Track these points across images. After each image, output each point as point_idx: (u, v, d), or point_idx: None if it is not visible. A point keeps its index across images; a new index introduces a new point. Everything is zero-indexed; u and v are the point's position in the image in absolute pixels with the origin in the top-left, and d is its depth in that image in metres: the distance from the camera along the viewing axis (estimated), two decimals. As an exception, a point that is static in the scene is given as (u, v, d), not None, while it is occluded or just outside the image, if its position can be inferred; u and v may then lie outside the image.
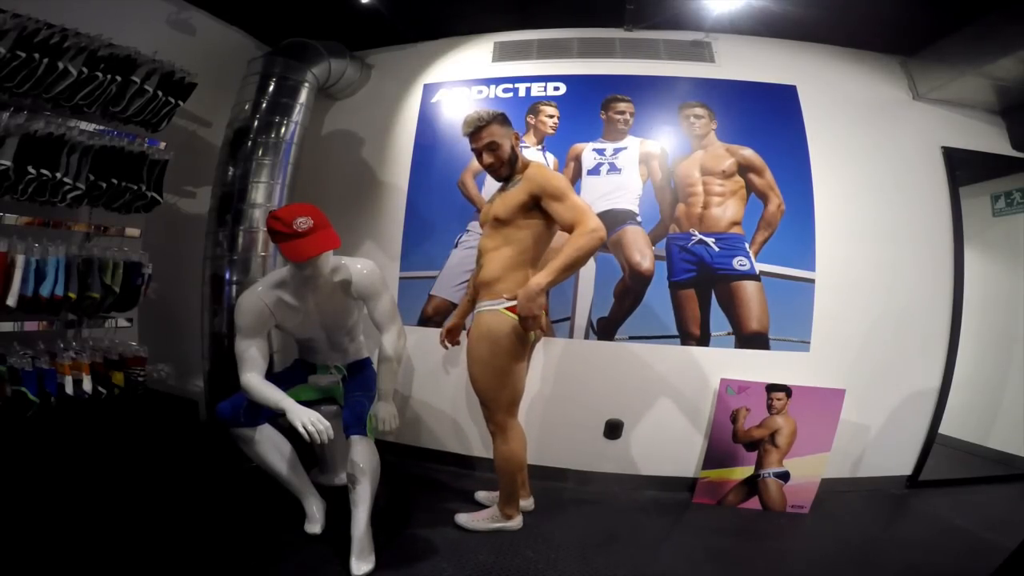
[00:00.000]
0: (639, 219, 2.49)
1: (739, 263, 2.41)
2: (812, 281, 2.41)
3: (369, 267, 1.76)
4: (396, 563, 1.63)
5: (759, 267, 2.41)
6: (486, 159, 1.78)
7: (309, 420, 1.49)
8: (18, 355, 1.88)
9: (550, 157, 2.59)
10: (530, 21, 2.76)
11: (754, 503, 2.27)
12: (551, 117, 2.63)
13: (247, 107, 2.48)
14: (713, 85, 2.59)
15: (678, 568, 1.75)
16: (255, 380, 1.61)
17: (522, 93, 2.68)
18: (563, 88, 2.66)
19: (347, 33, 2.78)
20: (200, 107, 2.58)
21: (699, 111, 2.56)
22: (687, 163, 2.52)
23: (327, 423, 1.51)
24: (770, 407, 2.25)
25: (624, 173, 2.53)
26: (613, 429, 2.43)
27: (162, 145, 2.22)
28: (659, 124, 2.57)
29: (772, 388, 2.24)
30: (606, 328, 2.46)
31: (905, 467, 2.49)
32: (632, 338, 2.44)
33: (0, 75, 1.74)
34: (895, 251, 2.47)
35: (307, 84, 2.58)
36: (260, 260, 2.38)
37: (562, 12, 2.66)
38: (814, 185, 2.46)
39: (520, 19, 2.76)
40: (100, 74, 1.96)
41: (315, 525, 1.79)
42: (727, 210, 2.45)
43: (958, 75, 2.40)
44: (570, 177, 2.53)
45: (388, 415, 1.70)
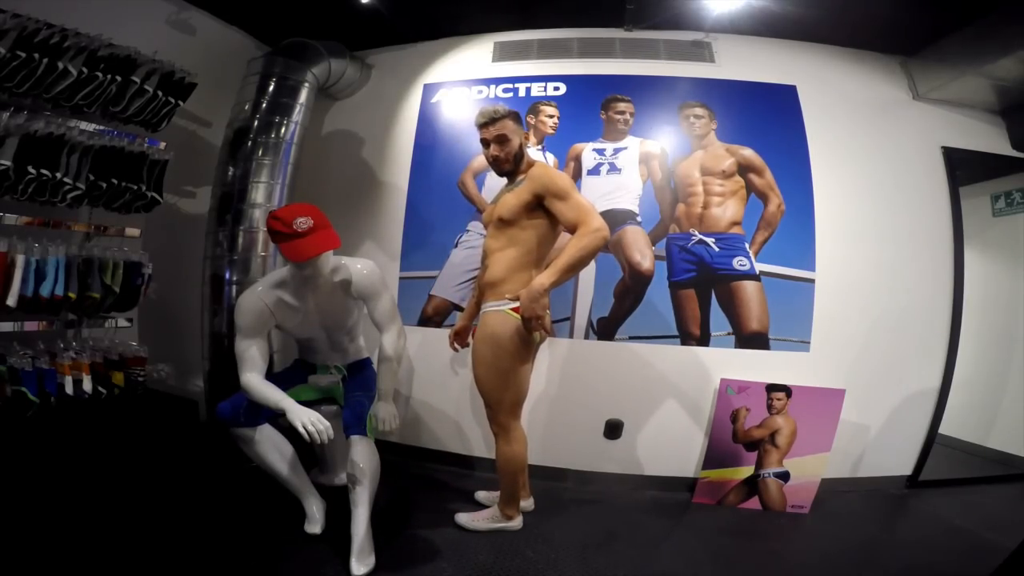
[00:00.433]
0: (639, 219, 2.49)
1: (739, 263, 2.41)
2: (812, 281, 2.41)
3: (369, 267, 1.76)
4: (396, 563, 1.63)
5: (759, 267, 2.41)
6: (493, 151, 1.76)
7: (309, 420, 1.49)
8: (18, 355, 1.88)
9: (550, 157, 2.59)
10: (530, 21, 2.76)
11: (754, 503, 2.27)
12: (551, 117, 2.63)
13: (247, 107, 2.48)
14: (713, 85, 2.59)
15: (678, 568, 1.75)
16: (255, 380, 1.61)
17: (522, 93, 2.68)
18: (563, 88, 2.66)
19: (347, 33, 2.78)
20: (200, 107, 2.59)
21: (699, 111, 2.56)
22: (687, 163, 2.52)
23: (327, 423, 1.51)
24: (770, 407, 2.25)
25: (624, 173, 2.53)
26: (613, 429, 2.43)
27: (162, 145, 2.23)
28: (659, 124, 2.57)
29: (772, 388, 2.24)
30: (606, 328, 2.46)
31: (905, 467, 2.49)
32: (632, 338, 2.44)
33: (0, 75, 1.74)
34: (895, 251, 2.47)
35: (307, 84, 2.58)
36: (260, 260, 2.38)
37: (562, 12, 2.66)
38: (814, 185, 2.46)
39: (520, 19, 2.76)
40: (100, 74, 1.96)
41: (315, 525, 1.79)
42: (727, 210, 2.45)
43: (958, 75, 2.40)
44: (570, 177, 2.52)
45: (388, 415, 1.70)
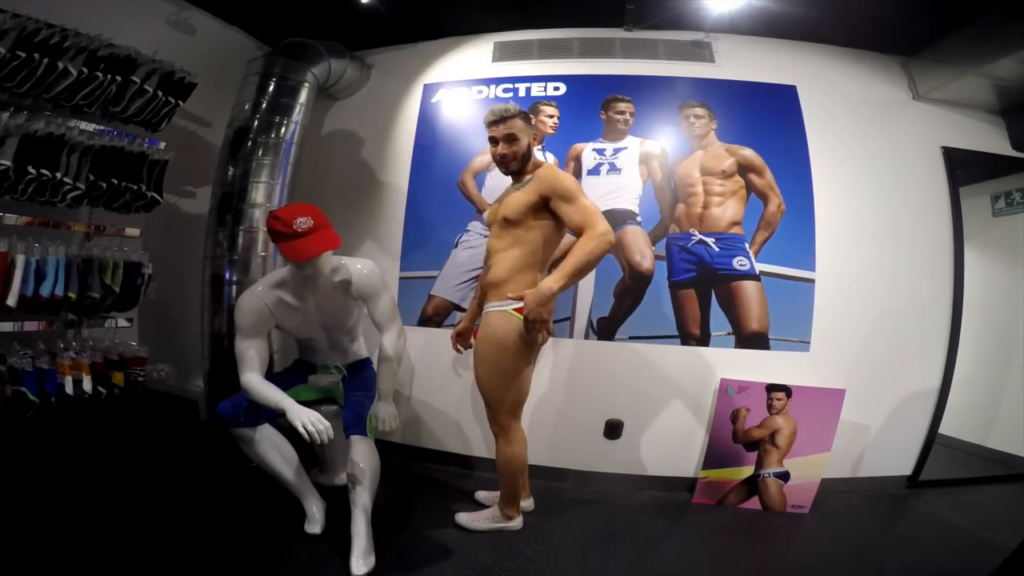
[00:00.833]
0: (639, 219, 2.49)
1: (739, 263, 2.41)
2: (812, 281, 2.41)
3: (369, 267, 1.76)
4: (396, 563, 1.63)
5: (759, 267, 2.41)
6: (501, 149, 1.76)
7: (309, 420, 1.49)
8: (18, 355, 1.88)
9: (550, 157, 2.59)
10: (530, 21, 2.76)
11: (754, 503, 2.27)
12: (551, 117, 2.63)
13: (247, 107, 2.48)
14: (713, 85, 2.59)
15: (678, 568, 1.75)
16: (255, 380, 1.62)
17: (522, 93, 2.68)
18: (563, 88, 2.66)
19: (347, 33, 2.78)
20: (200, 107, 2.59)
21: (699, 111, 2.56)
22: (687, 163, 2.52)
23: (327, 423, 1.51)
24: (770, 407, 2.25)
25: (624, 173, 2.53)
26: (613, 429, 2.43)
27: (162, 145, 2.23)
28: (659, 124, 2.57)
29: (772, 388, 2.24)
30: (606, 328, 2.46)
31: (905, 467, 2.49)
32: (632, 338, 2.44)
33: (0, 75, 1.74)
34: (895, 251, 2.47)
35: (307, 84, 2.57)
36: (260, 260, 2.38)
37: (562, 12, 2.66)
38: (814, 185, 2.46)
39: (520, 19, 2.76)
40: (100, 74, 1.96)
41: (315, 525, 1.79)
42: (727, 210, 2.45)
43: (958, 75, 2.40)
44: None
45: (388, 415, 1.70)
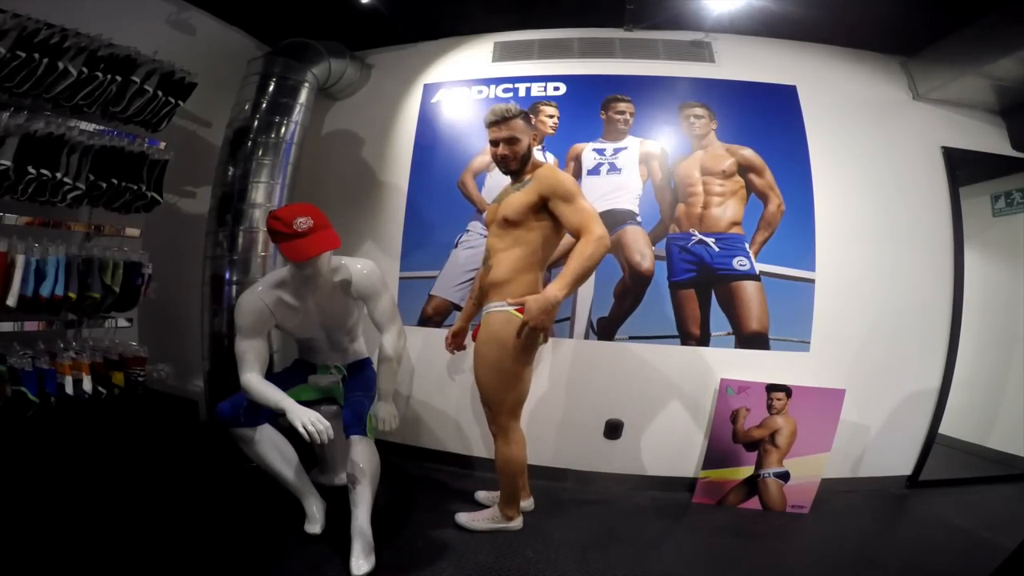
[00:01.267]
0: (639, 219, 2.49)
1: (739, 263, 2.41)
2: (812, 281, 2.41)
3: (369, 267, 1.76)
4: (396, 563, 1.63)
5: (759, 267, 2.41)
6: (502, 150, 1.76)
7: (309, 420, 1.49)
8: (18, 355, 1.88)
9: (550, 157, 2.59)
10: (530, 21, 2.76)
11: (754, 503, 2.27)
12: (551, 117, 2.63)
13: (247, 107, 2.48)
14: (713, 85, 2.59)
15: (678, 568, 1.75)
16: (255, 380, 1.62)
17: (522, 93, 2.68)
18: (563, 88, 2.66)
19: (347, 33, 2.78)
20: (200, 107, 2.59)
21: (699, 111, 2.56)
22: (687, 163, 2.52)
23: (327, 423, 1.51)
24: (770, 407, 2.25)
25: (624, 173, 2.53)
26: (613, 429, 2.43)
27: (162, 145, 2.23)
28: (659, 124, 2.57)
29: (772, 388, 2.24)
30: (606, 328, 2.46)
31: (905, 467, 2.49)
32: (632, 338, 2.44)
33: (0, 75, 1.74)
34: (895, 251, 2.47)
35: (307, 84, 2.58)
36: (260, 260, 2.38)
37: (562, 12, 2.66)
38: (814, 185, 2.46)
39: (520, 19, 2.76)
40: (100, 74, 1.96)
41: (315, 525, 1.79)
42: (727, 210, 2.45)
43: (958, 75, 2.40)
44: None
45: (388, 415, 1.71)
